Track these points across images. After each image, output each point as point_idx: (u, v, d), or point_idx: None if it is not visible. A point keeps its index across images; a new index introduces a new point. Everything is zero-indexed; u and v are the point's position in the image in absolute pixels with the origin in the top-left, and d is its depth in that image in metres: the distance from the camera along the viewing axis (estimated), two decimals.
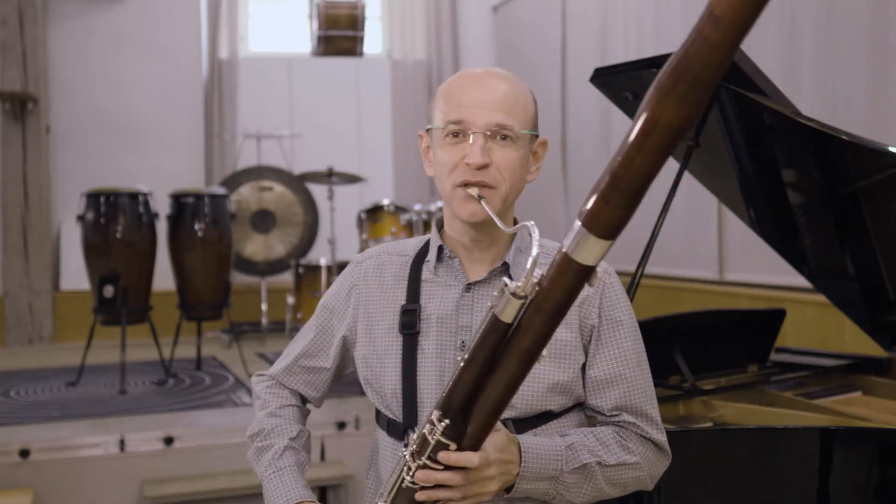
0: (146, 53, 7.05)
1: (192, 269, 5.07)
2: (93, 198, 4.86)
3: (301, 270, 5.79)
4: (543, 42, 6.86)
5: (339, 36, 7.30)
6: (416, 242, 1.56)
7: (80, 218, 4.88)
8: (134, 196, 4.92)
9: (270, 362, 5.53)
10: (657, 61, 2.33)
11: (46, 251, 6.62)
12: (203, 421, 4.06)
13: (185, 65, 7.19)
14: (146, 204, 4.95)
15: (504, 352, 1.15)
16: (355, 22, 7.30)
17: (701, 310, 3.50)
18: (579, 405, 1.47)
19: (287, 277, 6.51)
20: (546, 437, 1.39)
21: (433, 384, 1.43)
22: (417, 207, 5.48)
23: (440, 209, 5.50)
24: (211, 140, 7.17)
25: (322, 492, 3.89)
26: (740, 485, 2.02)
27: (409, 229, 5.29)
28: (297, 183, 6.55)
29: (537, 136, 1.47)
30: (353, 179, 5.94)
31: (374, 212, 5.40)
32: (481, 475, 1.26)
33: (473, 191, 1.39)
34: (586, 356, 1.44)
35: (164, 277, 5.33)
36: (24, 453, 3.65)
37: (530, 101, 1.46)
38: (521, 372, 1.16)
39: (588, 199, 1.02)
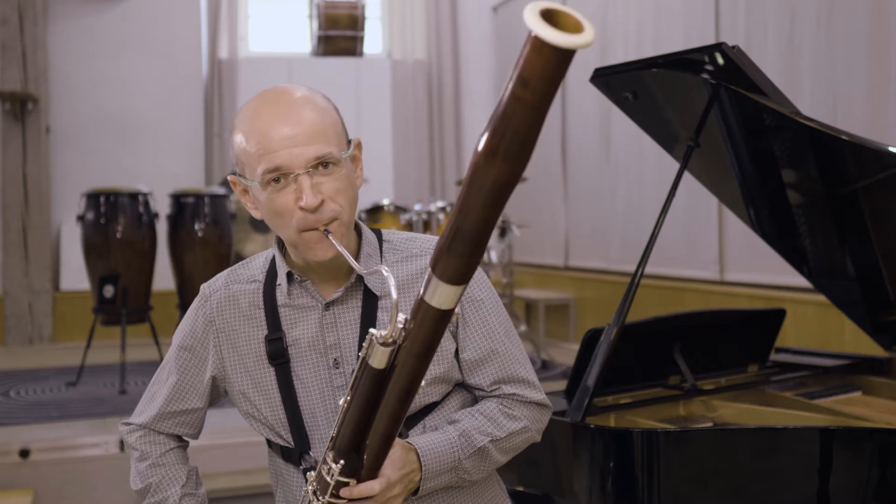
0: (146, 53, 7.05)
1: (192, 269, 5.07)
2: (93, 198, 4.87)
3: None
4: None
5: (339, 36, 7.30)
6: (261, 264, 1.50)
7: (80, 218, 4.88)
8: (134, 196, 4.92)
9: None
10: (657, 61, 2.33)
11: (46, 251, 6.62)
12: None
13: (185, 65, 7.19)
14: (146, 204, 4.95)
15: (383, 392, 1.17)
16: (355, 22, 7.30)
17: (701, 310, 3.50)
18: (458, 385, 1.49)
19: None
20: (439, 432, 1.41)
21: (317, 406, 1.44)
22: (417, 207, 5.48)
23: (441, 209, 5.50)
24: (211, 140, 7.17)
25: None
26: (740, 485, 2.02)
27: (409, 229, 5.29)
28: None
29: (350, 142, 1.41)
30: None
31: (375, 212, 5.40)
32: (386, 497, 1.28)
33: (321, 230, 1.34)
34: (456, 342, 1.45)
35: (164, 277, 5.33)
36: (24, 453, 3.65)
37: (335, 114, 1.39)
38: (402, 408, 1.18)
39: (435, 250, 1.06)
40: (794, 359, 2.85)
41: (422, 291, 1.08)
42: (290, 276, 1.44)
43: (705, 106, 2.33)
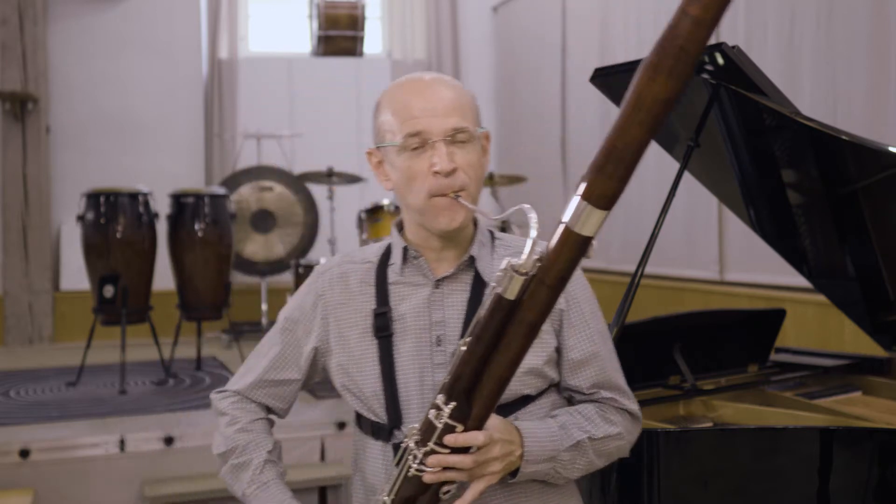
0: (146, 53, 7.05)
1: (192, 269, 5.07)
2: (93, 198, 4.87)
3: (301, 270, 5.78)
4: (543, 42, 6.86)
5: (339, 36, 7.30)
6: (376, 249, 1.57)
7: (80, 218, 4.88)
8: (134, 196, 4.92)
9: None
10: None
11: (46, 251, 6.62)
12: (203, 421, 4.05)
13: (185, 65, 7.19)
14: (146, 204, 4.95)
15: (507, 328, 1.21)
16: (355, 22, 7.30)
17: (701, 310, 3.50)
18: (552, 386, 1.51)
19: (287, 277, 6.51)
20: (539, 421, 1.44)
21: (413, 382, 1.46)
22: None
23: None
24: (211, 140, 7.17)
25: (322, 492, 3.89)
26: (740, 485, 2.02)
27: None
28: (297, 183, 6.55)
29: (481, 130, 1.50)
30: (353, 179, 5.94)
31: (374, 212, 5.39)
32: (487, 455, 1.31)
33: (451, 196, 1.41)
34: (558, 339, 1.48)
35: (164, 277, 5.33)
36: (24, 453, 3.65)
37: (472, 99, 1.49)
38: (525, 345, 1.23)
39: (586, 174, 1.09)
40: (794, 359, 2.85)
41: (563, 218, 1.12)
42: (405, 252, 1.50)
43: (705, 106, 2.33)
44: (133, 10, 7.02)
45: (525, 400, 1.46)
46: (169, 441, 3.79)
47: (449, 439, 1.27)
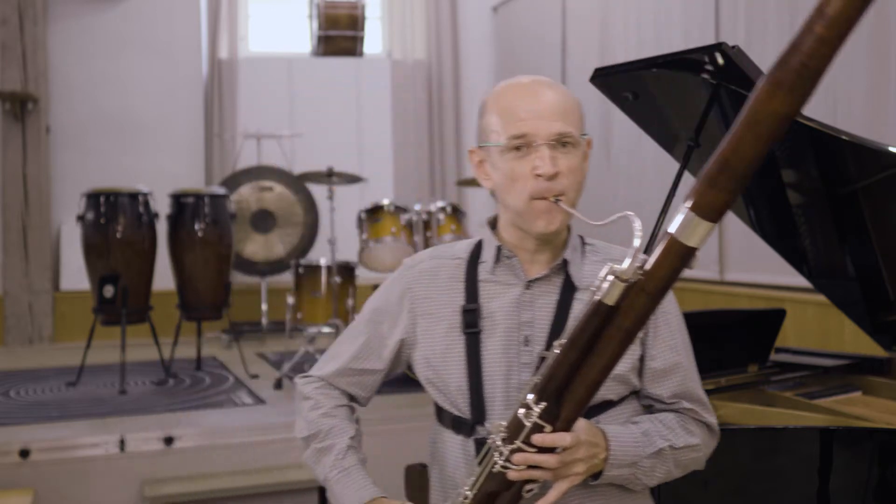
0: (146, 53, 7.05)
1: (192, 269, 5.07)
2: (93, 198, 4.87)
3: (301, 270, 5.78)
4: (543, 42, 6.86)
5: (339, 36, 7.30)
6: (466, 246, 1.59)
7: (80, 218, 4.88)
8: (134, 196, 4.92)
9: (271, 362, 5.52)
10: (657, 61, 2.33)
11: (46, 251, 6.62)
12: (203, 421, 4.05)
13: (185, 65, 7.19)
14: (146, 204, 4.95)
15: (603, 334, 1.24)
16: (355, 22, 7.30)
17: (701, 310, 3.50)
18: (633, 393, 1.52)
19: (287, 277, 6.50)
20: (622, 426, 1.45)
21: (499, 380, 1.47)
22: (417, 207, 5.49)
23: (441, 209, 5.50)
24: (211, 140, 7.17)
25: (322, 491, 3.88)
26: (740, 485, 2.02)
27: (409, 229, 5.28)
28: (297, 183, 6.55)
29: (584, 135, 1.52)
30: (353, 179, 5.94)
31: (374, 212, 5.40)
32: (572, 456, 1.32)
33: (551, 200, 1.43)
34: (643, 349, 1.50)
35: (164, 277, 5.33)
36: (24, 453, 3.65)
37: (578, 104, 1.50)
38: (619, 352, 1.25)
39: (696, 185, 1.10)
40: (794, 359, 2.85)
41: (669, 228, 1.15)
42: (499, 251, 1.51)
43: (705, 106, 2.33)
44: (133, 10, 7.02)
45: (607, 405, 1.47)
46: (169, 441, 3.78)
47: (537, 438, 1.29)
